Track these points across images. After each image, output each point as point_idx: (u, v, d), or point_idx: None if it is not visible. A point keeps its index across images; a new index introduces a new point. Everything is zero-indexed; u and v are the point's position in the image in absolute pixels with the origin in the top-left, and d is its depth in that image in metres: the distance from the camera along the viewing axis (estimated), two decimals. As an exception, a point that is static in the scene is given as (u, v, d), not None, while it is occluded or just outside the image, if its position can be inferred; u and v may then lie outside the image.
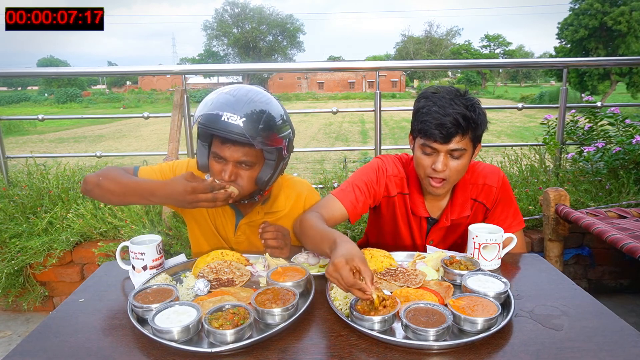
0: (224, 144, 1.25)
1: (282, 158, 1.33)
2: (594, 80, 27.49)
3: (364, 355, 0.93)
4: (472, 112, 1.33)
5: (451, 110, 1.31)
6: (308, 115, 22.13)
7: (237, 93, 1.24)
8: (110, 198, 1.33)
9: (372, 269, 1.26)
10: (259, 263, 1.36)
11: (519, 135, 13.80)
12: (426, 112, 1.34)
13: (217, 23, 56.91)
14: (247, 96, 1.23)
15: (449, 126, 1.30)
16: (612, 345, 0.95)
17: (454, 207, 1.52)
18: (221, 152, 1.26)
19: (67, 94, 40.58)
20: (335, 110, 3.23)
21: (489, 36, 59.84)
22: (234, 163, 1.27)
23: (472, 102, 1.36)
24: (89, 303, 1.18)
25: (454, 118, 1.30)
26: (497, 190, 1.52)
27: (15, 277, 2.52)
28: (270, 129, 1.23)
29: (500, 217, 1.53)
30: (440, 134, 1.31)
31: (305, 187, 1.54)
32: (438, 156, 1.36)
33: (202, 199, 1.21)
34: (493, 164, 1.58)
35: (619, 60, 5.81)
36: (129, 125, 21.51)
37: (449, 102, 1.33)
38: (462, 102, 1.33)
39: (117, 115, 21.78)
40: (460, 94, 1.36)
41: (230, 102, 1.20)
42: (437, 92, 1.38)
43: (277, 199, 1.49)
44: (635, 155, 2.69)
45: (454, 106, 1.32)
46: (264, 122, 1.22)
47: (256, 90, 1.28)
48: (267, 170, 1.31)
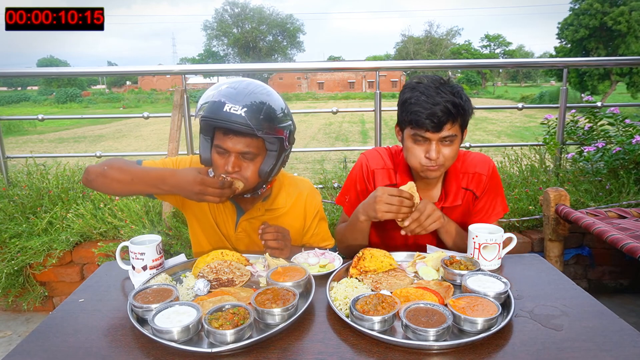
0: (226, 135, 1.26)
1: (284, 149, 1.33)
2: (594, 80, 27.51)
3: (364, 355, 0.93)
4: (460, 98, 1.35)
5: (440, 99, 1.32)
6: (308, 115, 22.13)
7: (238, 85, 1.25)
8: (116, 187, 1.31)
9: (372, 269, 1.26)
10: (259, 263, 1.36)
11: (519, 135, 13.80)
12: (415, 103, 1.35)
13: (217, 23, 56.95)
14: (248, 88, 1.25)
15: (439, 115, 1.32)
16: (612, 345, 0.95)
17: (447, 196, 1.54)
18: (223, 144, 1.26)
19: (67, 94, 40.58)
20: (335, 110, 3.23)
21: (489, 36, 59.87)
22: (237, 155, 1.27)
23: (457, 89, 1.38)
24: (89, 303, 1.18)
25: (444, 106, 1.32)
26: (487, 179, 1.54)
27: (15, 277, 2.52)
28: (271, 119, 1.25)
29: (486, 205, 1.55)
30: (431, 123, 1.33)
31: (306, 186, 1.55)
32: (430, 145, 1.37)
33: (209, 192, 1.23)
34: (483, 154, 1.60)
35: (619, 60, 5.80)
36: (129, 125, 21.51)
37: (435, 90, 1.34)
38: (448, 90, 1.35)
39: (117, 115, 21.80)
40: (444, 82, 1.38)
41: (232, 94, 1.22)
42: (421, 82, 1.39)
43: (278, 196, 1.49)
44: (635, 155, 2.69)
45: (441, 94, 1.33)
46: (265, 113, 1.23)
47: (256, 83, 1.30)
48: (269, 161, 1.31)
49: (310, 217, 1.53)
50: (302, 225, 1.53)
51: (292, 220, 1.49)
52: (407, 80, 1.50)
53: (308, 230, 1.54)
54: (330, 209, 2.83)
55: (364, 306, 1.02)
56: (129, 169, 1.31)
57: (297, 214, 1.50)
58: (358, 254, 1.30)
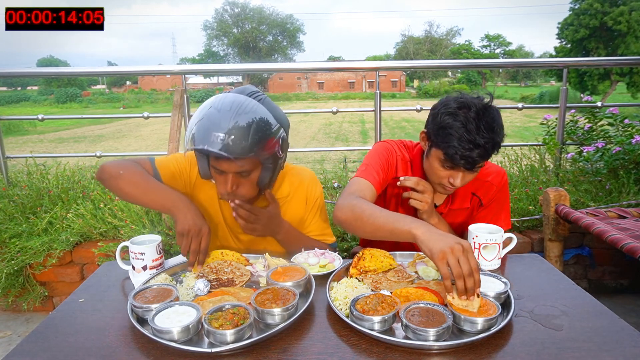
0: (219, 159, 1.26)
1: (278, 158, 1.34)
2: (594, 80, 27.51)
3: (364, 355, 0.93)
4: (498, 135, 1.29)
5: (480, 140, 1.25)
6: (308, 115, 22.15)
7: (221, 107, 1.22)
8: (124, 197, 1.37)
9: (372, 269, 1.26)
10: (259, 263, 1.36)
11: (519, 135, 13.79)
12: (452, 135, 1.27)
13: (217, 23, 56.93)
14: (232, 109, 1.21)
15: (477, 159, 1.28)
16: (612, 345, 0.95)
17: (456, 198, 1.54)
18: (219, 166, 1.28)
19: (67, 94, 40.57)
20: (335, 110, 3.23)
21: (489, 36, 59.82)
22: (233, 174, 1.29)
23: (498, 120, 1.29)
24: (89, 303, 1.18)
25: (484, 149, 1.26)
26: (496, 190, 1.54)
27: (15, 277, 2.52)
28: (260, 137, 1.22)
29: (488, 216, 1.54)
30: (466, 164, 1.30)
31: (308, 174, 1.56)
32: (457, 173, 1.35)
33: (182, 245, 1.26)
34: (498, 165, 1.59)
35: (619, 60, 5.80)
36: (129, 125, 21.51)
37: (476, 126, 1.25)
38: (488, 124, 1.27)
39: (117, 115, 21.81)
40: (486, 110, 1.29)
41: (216, 120, 1.19)
42: (462, 107, 1.29)
43: (282, 185, 1.51)
44: (635, 155, 2.69)
45: (482, 132, 1.25)
46: (252, 135, 1.21)
47: (240, 100, 1.24)
48: (266, 173, 1.34)
49: (310, 204, 1.53)
50: (304, 212, 1.54)
51: (295, 207, 1.51)
52: (448, 95, 1.39)
53: (307, 217, 1.54)
54: (330, 209, 2.83)
55: (364, 306, 1.02)
56: (141, 185, 1.33)
57: (299, 202, 1.52)
58: (358, 254, 1.30)
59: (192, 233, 1.24)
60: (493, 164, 1.59)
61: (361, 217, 1.23)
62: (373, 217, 1.21)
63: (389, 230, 1.16)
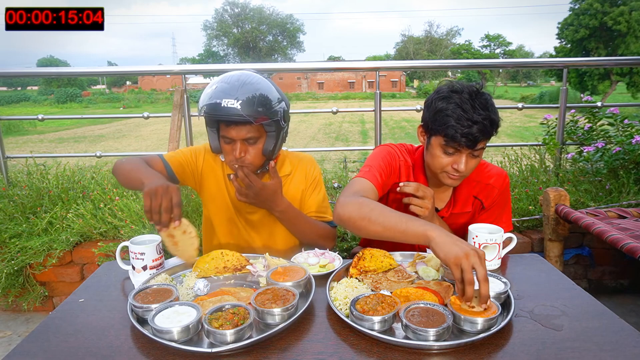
0: (228, 126, 1.39)
1: (281, 127, 1.46)
2: (594, 80, 27.50)
3: (364, 355, 0.93)
4: (495, 114, 1.31)
5: (477, 117, 1.28)
6: (308, 115, 22.15)
7: (230, 80, 1.39)
8: (126, 186, 1.48)
9: (372, 269, 1.26)
10: (259, 263, 1.36)
11: (519, 135, 13.80)
12: (450, 116, 1.30)
13: (217, 23, 56.96)
14: (239, 80, 1.38)
15: (477, 134, 1.29)
16: (612, 345, 0.95)
17: (457, 202, 1.54)
18: (228, 134, 1.41)
19: (67, 94, 40.57)
20: (335, 110, 3.23)
21: (489, 36, 59.77)
22: (241, 141, 1.41)
23: (490, 101, 1.33)
24: (89, 303, 1.18)
25: (482, 125, 1.28)
26: (498, 193, 1.53)
27: (15, 277, 2.52)
28: (264, 105, 1.38)
29: (489, 219, 1.53)
30: (468, 142, 1.30)
31: (307, 156, 1.70)
32: (460, 157, 1.35)
33: (150, 212, 1.22)
34: (498, 166, 1.59)
35: (619, 60, 5.80)
36: (129, 125, 21.51)
37: (471, 105, 1.29)
38: (483, 104, 1.30)
39: (117, 115, 21.81)
40: (478, 92, 1.33)
41: (226, 89, 1.36)
42: (455, 91, 1.33)
43: (283, 165, 1.63)
44: (635, 155, 2.69)
45: (478, 110, 1.28)
46: (258, 102, 1.36)
47: (246, 74, 1.42)
48: (270, 141, 1.45)
49: (309, 180, 1.63)
50: (305, 188, 1.63)
51: (296, 185, 1.62)
52: (439, 85, 1.43)
53: (306, 193, 1.62)
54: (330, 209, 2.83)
55: (364, 306, 1.03)
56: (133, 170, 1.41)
57: (299, 178, 1.63)
58: (358, 254, 1.30)
59: (160, 192, 1.19)
60: (494, 166, 1.58)
61: (368, 217, 1.20)
62: (383, 216, 1.18)
63: (401, 231, 1.14)
